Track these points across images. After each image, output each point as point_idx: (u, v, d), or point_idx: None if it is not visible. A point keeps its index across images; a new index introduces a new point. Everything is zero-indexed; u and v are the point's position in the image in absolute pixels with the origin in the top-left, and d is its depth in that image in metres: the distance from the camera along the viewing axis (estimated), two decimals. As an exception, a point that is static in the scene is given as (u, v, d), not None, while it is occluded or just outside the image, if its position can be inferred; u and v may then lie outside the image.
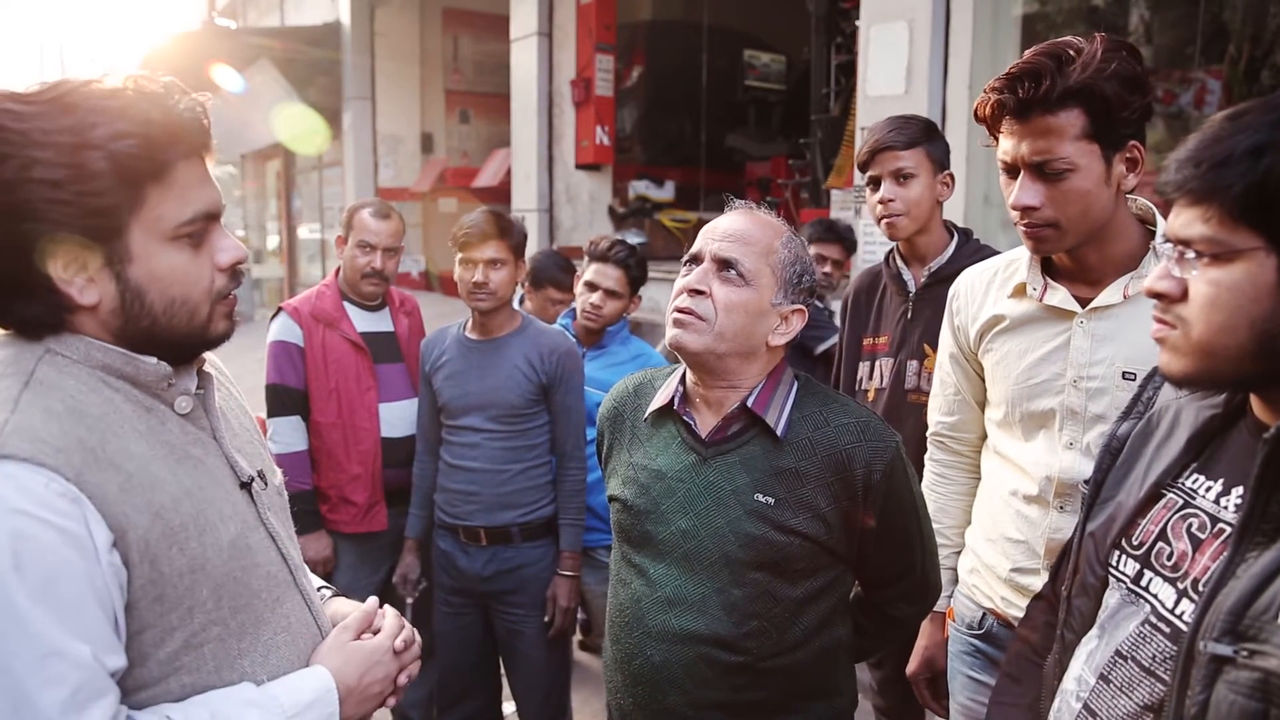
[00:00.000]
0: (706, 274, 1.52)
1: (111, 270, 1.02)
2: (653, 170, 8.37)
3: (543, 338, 2.66)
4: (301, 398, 2.85)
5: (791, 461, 1.51)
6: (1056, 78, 1.49)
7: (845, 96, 5.42)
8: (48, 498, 0.92)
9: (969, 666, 1.90)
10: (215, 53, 9.97)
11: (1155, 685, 1.01)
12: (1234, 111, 0.96)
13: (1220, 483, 1.04)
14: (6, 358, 1.01)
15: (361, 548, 2.90)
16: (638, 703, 1.58)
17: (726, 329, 1.50)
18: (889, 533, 1.55)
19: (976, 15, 4.17)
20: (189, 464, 1.07)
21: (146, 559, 0.98)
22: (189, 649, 1.03)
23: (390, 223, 2.93)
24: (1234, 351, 0.95)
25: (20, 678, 0.89)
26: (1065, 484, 1.66)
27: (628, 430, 1.69)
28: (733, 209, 1.61)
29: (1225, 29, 4.04)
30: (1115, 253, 1.63)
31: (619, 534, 1.66)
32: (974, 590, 1.88)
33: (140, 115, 0.99)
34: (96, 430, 0.99)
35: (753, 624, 1.51)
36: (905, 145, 2.31)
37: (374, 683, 1.21)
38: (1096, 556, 1.16)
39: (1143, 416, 1.21)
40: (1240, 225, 0.92)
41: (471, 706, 2.79)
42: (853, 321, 2.53)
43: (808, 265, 1.58)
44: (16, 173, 0.95)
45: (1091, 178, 1.54)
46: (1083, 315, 1.64)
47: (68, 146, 0.96)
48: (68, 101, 0.98)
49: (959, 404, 1.96)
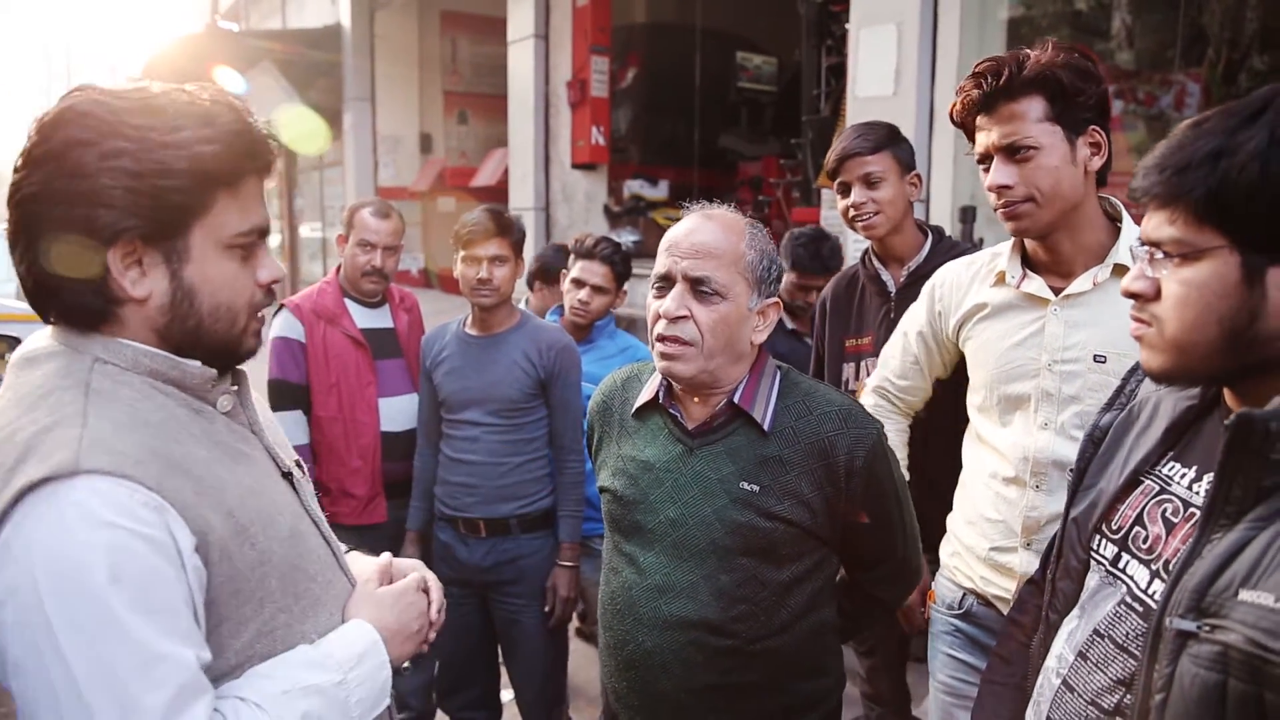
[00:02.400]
0: (682, 296, 1.50)
1: (168, 267, 1.04)
2: (647, 170, 8.41)
3: (541, 333, 2.70)
4: (303, 392, 2.87)
5: (775, 450, 1.54)
6: (1015, 70, 1.67)
7: (835, 98, 5.47)
8: (133, 508, 0.93)
9: (949, 646, 1.95)
10: (218, 55, 9.99)
11: (1128, 661, 1.05)
12: (1197, 119, 1.01)
13: (1194, 469, 1.09)
14: (58, 369, 1.02)
15: (362, 540, 2.87)
16: (631, 687, 1.62)
17: (714, 347, 1.51)
18: (871, 517, 1.58)
19: (964, 18, 4.22)
20: (244, 461, 1.10)
21: (225, 557, 1.01)
22: (261, 637, 1.06)
23: (390, 221, 2.96)
24: (1204, 347, 0.99)
25: (126, 683, 0.91)
26: (1041, 463, 1.74)
27: (616, 423, 1.71)
28: (689, 213, 1.59)
29: (1204, 33, 4.08)
30: (1087, 242, 1.73)
31: (610, 524, 1.69)
32: (954, 572, 1.94)
33: (225, 125, 1.03)
34: (161, 437, 1.01)
35: (741, 608, 1.53)
36: (872, 150, 2.37)
37: (411, 620, 1.25)
38: (1079, 540, 1.21)
39: (1125, 408, 1.26)
40: (1204, 226, 0.96)
41: (471, 693, 2.83)
42: (833, 323, 2.57)
43: (773, 254, 1.58)
44: (99, 160, 0.97)
45: (1057, 155, 1.68)
46: (1056, 303, 1.74)
47: (154, 142, 0.99)
48: (157, 104, 1.01)
49: (914, 371, 2.07)
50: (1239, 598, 0.90)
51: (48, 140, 0.99)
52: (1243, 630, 0.89)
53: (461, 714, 2.86)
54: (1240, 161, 0.93)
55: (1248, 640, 0.88)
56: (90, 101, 1.00)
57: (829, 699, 1.68)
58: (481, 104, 11.72)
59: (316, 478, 2.89)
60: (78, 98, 1.01)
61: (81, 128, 0.98)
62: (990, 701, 1.38)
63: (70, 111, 1.00)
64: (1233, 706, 0.89)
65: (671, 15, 9.40)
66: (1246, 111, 0.96)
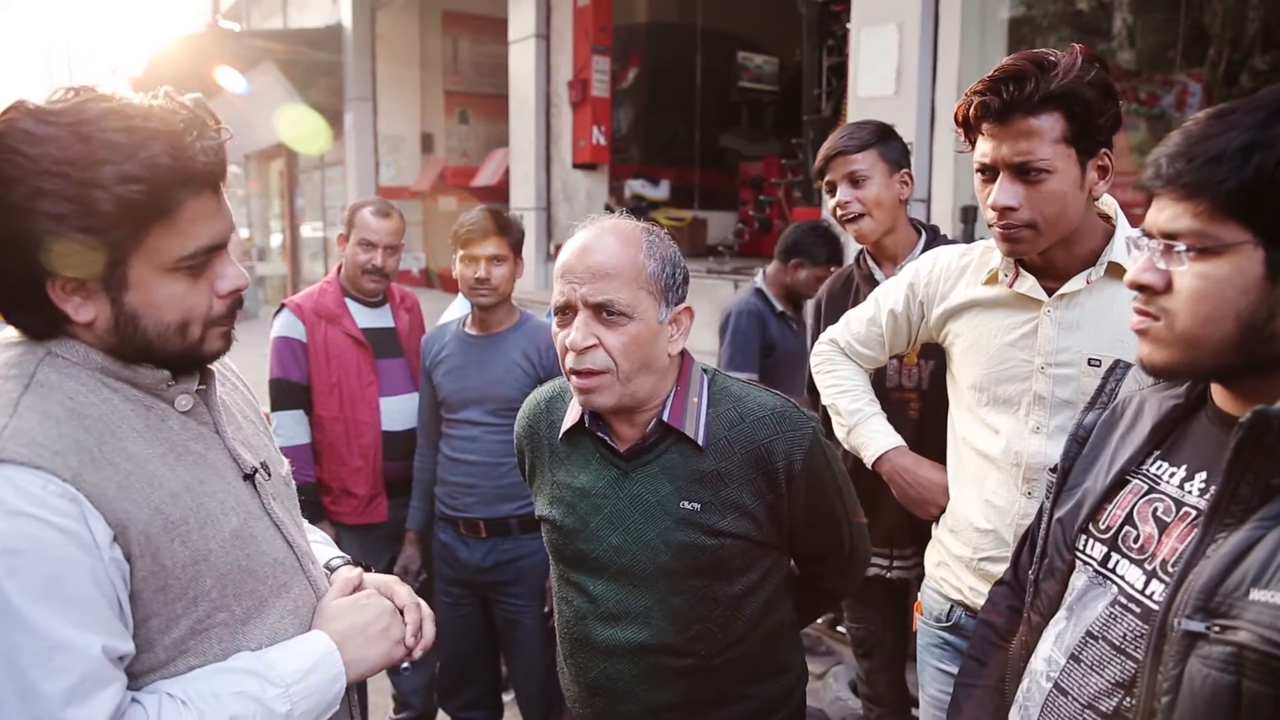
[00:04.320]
0: (588, 324, 1.42)
1: (108, 295, 1.03)
2: (648, 169, 8.44)
3: (540, 333, 2.69)
4: (304, 392, 2.88)
5: (712, 464, 1.48)
6: (1040, 81, 1.53)
7: (836, 97, 5.48)
8: (46, 498, 0.94)
9: (938, 659, 1.91)
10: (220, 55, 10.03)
11: (1126, 663, 1.03)
12: (1219, 110, 0.98)
13: (1184, 468, 1.07)
14: (10, 360, 1.03)
15: (363, 539, 2.93)
16: (596, 712, 1.60)
17: (630, 371, 1.44)
18: (815, 516, 1.55)
19: (965, 18, 4.21)
20: (189, 459, 1.09)
21: (148, 552, 1.00)
22: (195, 634, 1.06)
23: (391, 221, 2.96)
24: (1218, 343, 0.98)
25: (24, 669, 0.91)
26: (1032, 468, 1.69)
27: (545, 448, 1.63)
28: (580, 229, 1.50)
29: (1205, 33, 4.08)
30: (1081, 253, 1.68)
31: (553, 553, 1.63)
32: (941, 583, 1.90)
33: (149, 159, 0.98)
34: (94, 431, 1.01)
35: (696, 628, 1.51)
36: (857, 149, 2.35)
37: (370, 621, 1.22)
38: (1064, 541, 1.19)
39: (1107, 406, 1.25)
40: (1229, 220, 0.94)
41: (471, 693, 2.83)
42: (827, 323, 2.50)
43: (675, 260, 1.49)
44: (24, 200, 0.96)
45: (1068, 181, 1.58)
46: (1050, 304, 1.68)
47: (76, 181, 0.96)
48: (83, 131, 0.97)
49: (874, 341, 2.04)
50: (1251, 597, 0.89)
51: None
52: (1257, 630, 0.88)
53: (462, 714, 2.87)
54: (1278, 156, 0.91)
55: (1263, 640, 0.87)
56: (18, 131, 0.97)
57: (793, 694, 1.66)
58: (482, 104, 11.74)
59: (317, 476, 2.90)
60: (6, 124, 0.98)
61: (8, 162, 0.96)
62: (968, 705, 1.36)
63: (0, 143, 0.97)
64: (1247, 708, 0.88)
65: (673, 15, 9.42)
66: (1276, 104, 0.94)
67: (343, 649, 1.17)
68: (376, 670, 1.24)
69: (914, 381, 2.36)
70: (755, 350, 3.37)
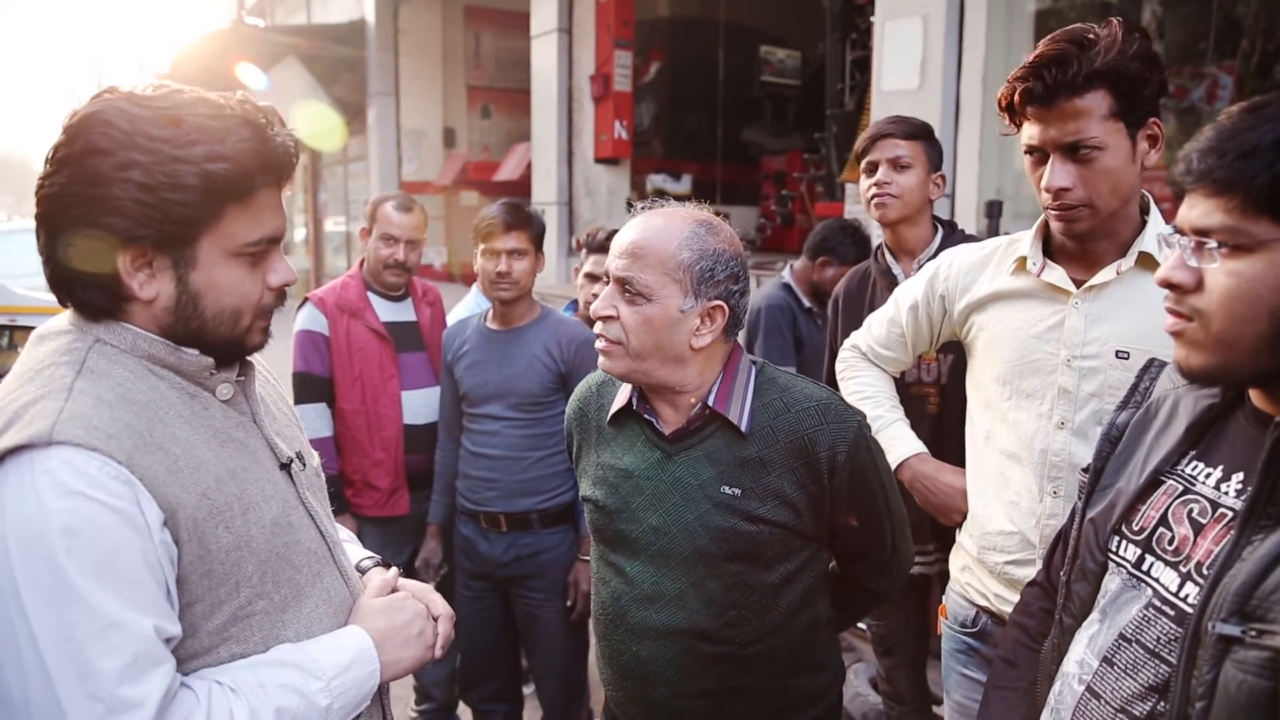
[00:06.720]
0: (611, 295, 1.50)
1: (176, 272, 1.07)
2: (670, 164, 8.40)
3: (561, 327, 2.70)
4: (326, 385, 2.90)
5: (755, 451, 1.50)
6: (1082, 61, 1.52)
7: (860, 91, 5.43)
8: (103, 480, 0.96)
9: (963, 665, 1.89)
10: (244, 51, 10.08)
11: (1160, 667, 1.01)
12: (1253, 104, 0.96)
13: (1220, 469, 1.05)
14: (61, 346, 1.06)
15: (384, 531, 2.96)
16: (628, 695, 1.61)
17: (640, 348, 1.48)
18: (858, 511, 1.55)
19: (990, 11, 4.16)
20: (232, 447, 1.12)
21: (195, 536, 1.03)
22: (236, 621, 1.08)
23: (413, 215, 2.98)
24: (1253, 342, 0.95)
25: (82, 646, 0.93)
26: (1058, 466, 1.67)
27: (594, 430, 1.68)
28: (637, 214, 1.55)
29: (1238, 24, 3.99)
30: (1122, 238, 1.66)
31: (594, 533, 1.66)
32: (967, 588, 1.87)
33: (238, 142, 1.05)
34: (144, 416, 1.04)
35: (731, 614, 1.51)
36: (905, 136, 2.39)
37: (407, 623, 1.25)
38: (1096, 542, 1.17)
39: (1141, 405, 1.22)
40: (1262, 216, 0.92)
41: (492, 686, 2.86)
42: (845, 320, 2.54)
43: (720, 255, 1.49)
44: (114, 169, 1.00)
45: (1120, 156, 1.58)
46: (1078, 295, 1.66)
47: (167, 156, 1.02)
48: (175, 114, 1.03)
49: (898, 343, 2.02)
50: None
51: (71, 143, 1.03)
52: None
53: (483, 706, 2.89)
54: None
55: None
56: (114, 109, 1.03)
57: (829, 693, 1.66)
58: (505, 98, 11.74)
59: (340, 469, 2.93)
60: (103, 103, 1.04)
61: (101, 135, 1.01)
62: (999, 707, 1.34)
63: (93, 118, 1.03)
64: None
65: (695, 9, 9.38)
66: None
67: (380, 648, 1.20)
68: (408, 673, 1.27)
69: (933, 376, 2.35)
70: (790, 344, 3.36)
